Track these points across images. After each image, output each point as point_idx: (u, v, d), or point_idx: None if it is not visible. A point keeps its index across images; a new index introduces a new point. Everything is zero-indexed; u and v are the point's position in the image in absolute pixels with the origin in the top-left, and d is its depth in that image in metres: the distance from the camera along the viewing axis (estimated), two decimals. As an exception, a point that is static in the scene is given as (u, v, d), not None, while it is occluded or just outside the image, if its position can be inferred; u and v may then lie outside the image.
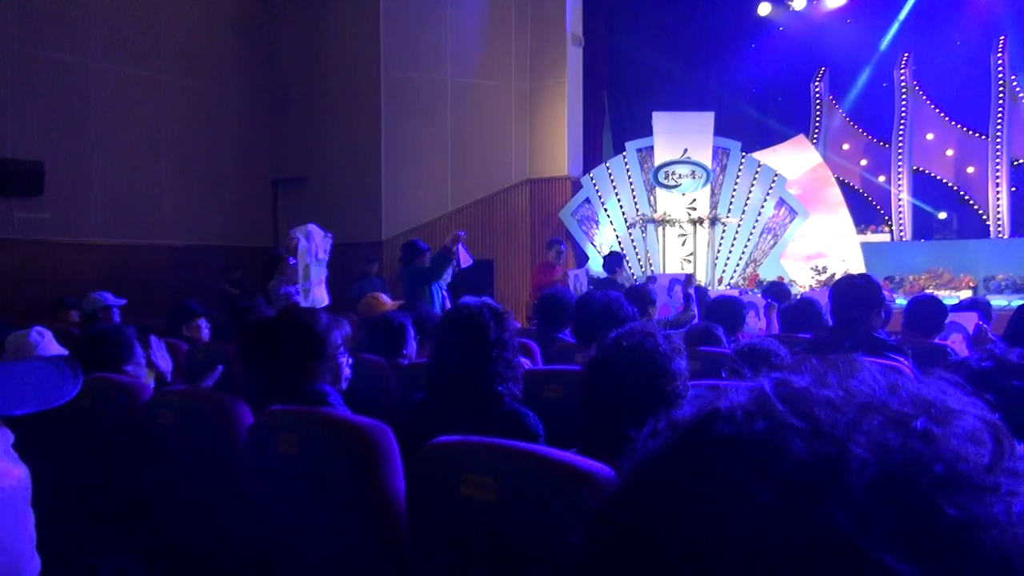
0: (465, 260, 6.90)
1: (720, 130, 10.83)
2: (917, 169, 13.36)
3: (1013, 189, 12.61)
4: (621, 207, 11.14)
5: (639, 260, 10.94)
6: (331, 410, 2.14)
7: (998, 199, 12.50)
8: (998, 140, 12.45)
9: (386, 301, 5.56)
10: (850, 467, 0.41)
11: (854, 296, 3.27)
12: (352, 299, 7.85)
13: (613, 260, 8.17)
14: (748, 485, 0.41)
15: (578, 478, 1.39)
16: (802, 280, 10.20)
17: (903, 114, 13.21)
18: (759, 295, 7.30)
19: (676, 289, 8.40)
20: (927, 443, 0.42)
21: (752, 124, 13.14)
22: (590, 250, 11.03)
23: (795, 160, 11.43)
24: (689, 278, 6.58)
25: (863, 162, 13.96)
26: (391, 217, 10.88)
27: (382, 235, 10.88)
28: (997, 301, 8.09)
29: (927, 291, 9.45)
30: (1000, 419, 0.45)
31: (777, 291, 6.52)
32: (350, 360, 2.49)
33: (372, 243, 10.78)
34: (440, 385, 2.32)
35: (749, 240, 10.89)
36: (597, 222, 11.22)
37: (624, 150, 11.22)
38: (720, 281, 10.51)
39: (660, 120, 10.90)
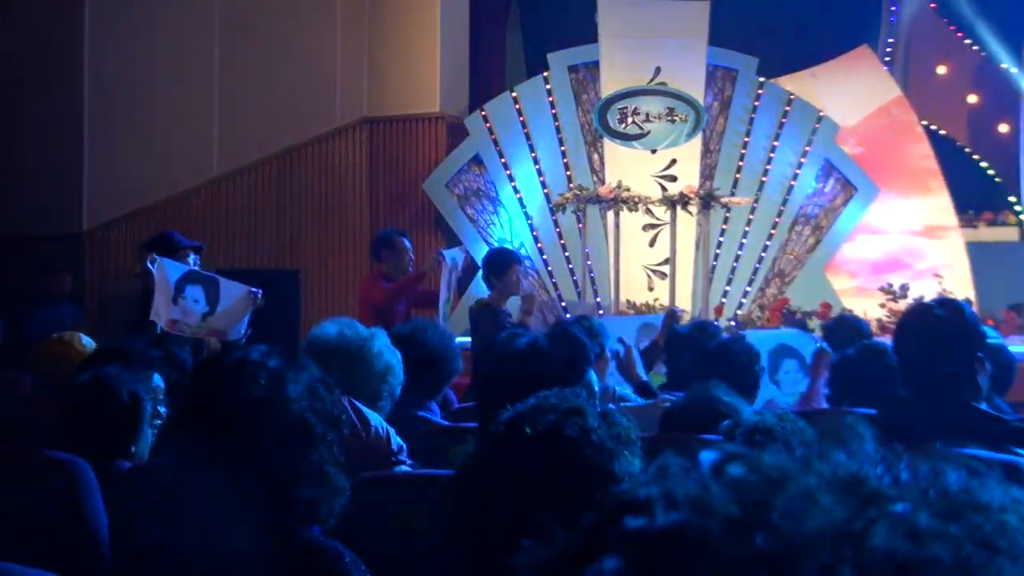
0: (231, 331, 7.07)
1: (719, 36, 11.12)
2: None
3: None
4: (539, 173, 11.33)
5: (572, 272, 11.08)
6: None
7: None
8: None
9: (89, 347, 5.47)
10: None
11: (938, 338, 3.40)
12: (29, 341, 7.69)
13: (501, 261, 8.06)
14: None
15: None
16: (864, 310, 10.46)
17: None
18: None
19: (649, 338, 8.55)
20: (933, 543, 0.55)
21: (777, 26, 13.43)
22: (481, 251, 11.11)
23: (853, 92, 11.77)
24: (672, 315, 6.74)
25: (972, 98, 14.36)
26: (102, 188, 10.77)
27: (83, 222, 10.73)
28: None
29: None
30: None
31: (847, 331, 6.68)
32: None
33: (62, 236, 10.59)
34: (185, 509, 2.29)
35: (772, 237, 11.22)
36: (495, 200, 11.39)
37: (545, 68, 11.40)
38: (719, 311, 10.72)
39: (612, 15, 11.10)
